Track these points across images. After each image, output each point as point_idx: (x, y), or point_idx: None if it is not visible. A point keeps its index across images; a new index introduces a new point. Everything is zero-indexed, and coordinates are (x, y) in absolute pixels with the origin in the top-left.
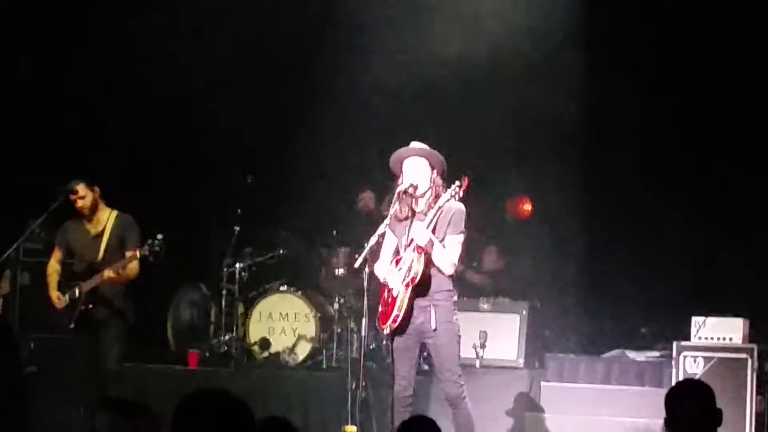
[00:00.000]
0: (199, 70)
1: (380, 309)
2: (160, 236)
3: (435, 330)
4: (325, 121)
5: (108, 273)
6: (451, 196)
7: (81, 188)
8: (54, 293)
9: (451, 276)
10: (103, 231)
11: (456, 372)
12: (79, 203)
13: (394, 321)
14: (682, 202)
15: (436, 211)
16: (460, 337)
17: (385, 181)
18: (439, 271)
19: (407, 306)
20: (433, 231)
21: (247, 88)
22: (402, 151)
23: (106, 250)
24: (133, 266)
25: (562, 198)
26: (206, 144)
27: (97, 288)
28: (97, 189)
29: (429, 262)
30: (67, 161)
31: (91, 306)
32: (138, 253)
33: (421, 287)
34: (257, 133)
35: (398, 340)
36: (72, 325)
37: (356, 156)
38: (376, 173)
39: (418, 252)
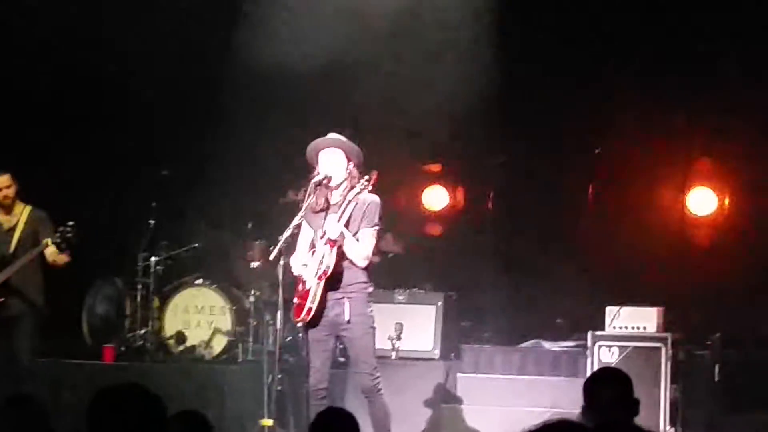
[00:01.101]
0: (109, 57)
1: (295, 302)
2: (70, 223)
3: (349, 322)
4: (241, 111)
5: (51, 251)
6: (360, 191)
7: (6, 179)
8: None
9: (365, 268)
10: (16, 224)
11: (371, 364)
12: (4, 192)
13: (308, 313)
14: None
15: (346, 205)
16: (374, 329)
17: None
18: (353, 263)
19: (320, 298)
20: (347, 223)
21: (159, 77)
22: (318, 142)
23: (18, 243)
24: (60, 257)
25: (479, 187)
26: (120, 136)
27: (10, 281)
28: (14, 183)
29: (342, 255)
30: None
31: (2, 299)
32: (49, 241)
33: (334, 280)
34: (172, 124)
35: (313, 333)
36: None
37: (273, 147)
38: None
39: (330, 245)
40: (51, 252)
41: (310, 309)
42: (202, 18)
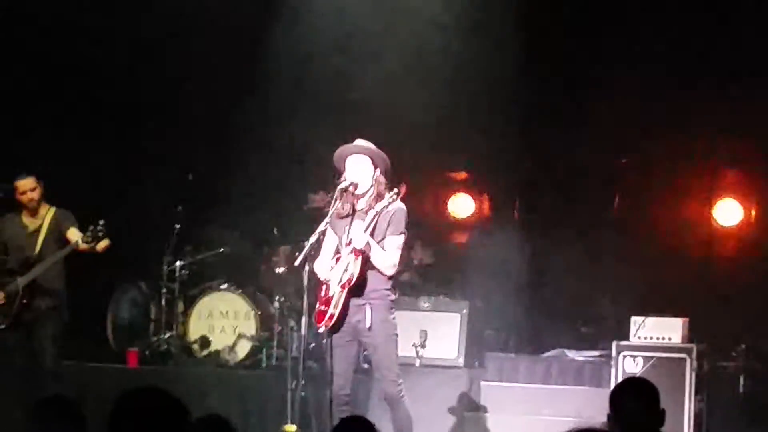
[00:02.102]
0: (138, 66)
1: (317, 307)
2: (102, 222)
3: (370, 329)
4: (269, 118)
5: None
6: (388, 204)
7: (31, 182)
8: None
9: (390, 276)
10: (41, 226)
11: (394, 371)
12: (29, 195)
13: (330, 319)
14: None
15: (375, 214)
16: (397, 335)
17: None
18: (379, 271)
19: (343, 305)
20: (373, 231)
21: (185, 86)
22: (345, 148)
23: (43, 245)
24: (100, 244)
25: (504, 197)
26: (146, 139)
27: (35, 283)
28: (41, 186)
29: (367, 264)
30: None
31: (25, 301)
32: (80, 241)
33: (357, 287)
34: (198, 128)
35: (336, 339)
36: (9, 322)
37: (299, 153)
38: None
39: (355, 254)
40: (86, 247)
41: (332, 315)
42: (229, 24)
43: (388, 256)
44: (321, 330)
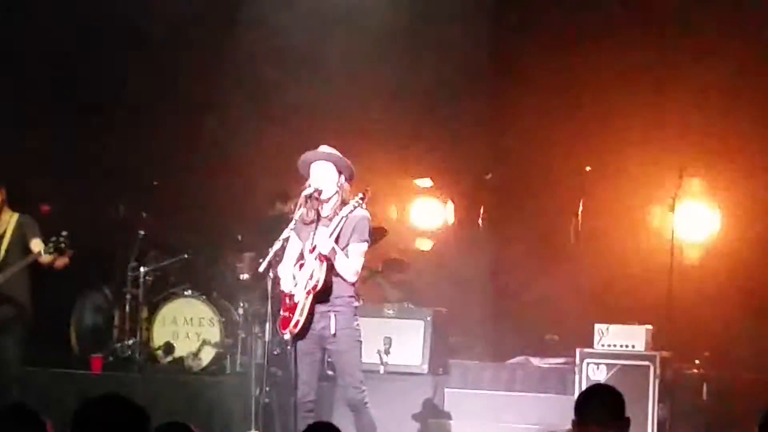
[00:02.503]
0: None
1: (281, 314)
2: (64, 233)
3: (335, 335)
4: (232, 122)
5: (47, 259)
6: (354, 208)
7: None
8: None
9: (353, 282)
10: (4, 233)
11: (357, 377)
12: None
13: (295, 326)
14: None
15: (340, 220)
16: (361, 342)
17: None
18: (343, 278)
19: (308, 312)
20: (337, 239)
21: (150, 92)
22: (309, 154)
23: (7, 251)
24: (59, 260)
25: (469, 204)
26: (111, 145)
27: None
28: (2, 191)
29: (332, 270)
30: None
31: None
32: (42, 251)
33: (322, 293)
34: (163, 134)
35: (300, 346)
36: None
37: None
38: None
39: (320, 260)
40: (47, 258)
41: (297, 322)
42: (198, 27)
43: (351, 263)
44: (286, 336)
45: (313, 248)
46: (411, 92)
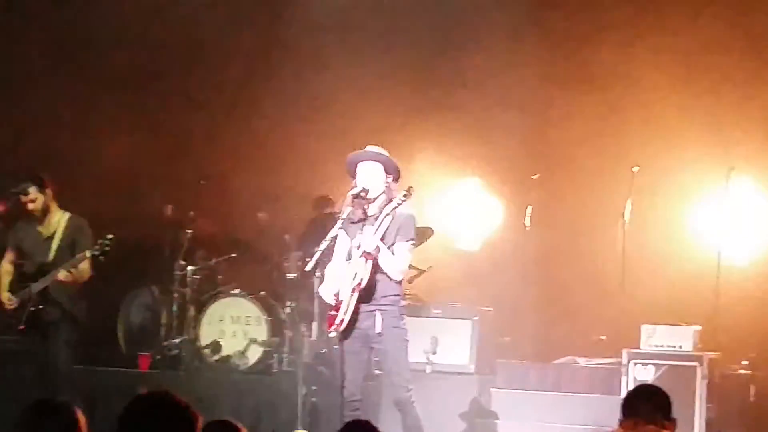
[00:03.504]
0: (151, 74)
1: (328, 312)
2: (110, 236)
3: (380, 335)
4: (282, 125)
5: (60, 274)
6: (398, 205)
7: (32, 191)
8: (4, 294)
9: (399, 281)
10: (54, 233)
11: (404, 377)
12: (30, 206)
13: (340, 324)
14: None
15: (383, 218)
16: (407, 342)
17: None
18: (388, 276)
19: (353, 310)
20: (383, 237)
21: (199, 91)
22: (356, 154)
23: (57, 252)
24: (85, 268)
25: (517, 203)
26: (158, 146)
27: (48, 289)
28: (49, 191)
29: (377, 268)
30: (20, 162)
31: (41, 306)
32: (87, 253)
33: (367, 292)
34: (210, 134)
35: (347, 344)
36: (21, 327)
37: (312, 159)
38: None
39: (365, 258)
40: (84, 269)
41: (342, 320)
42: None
43: (396, 261)
44: (332, 335)
45: (359, 246)
46: (459, 92)
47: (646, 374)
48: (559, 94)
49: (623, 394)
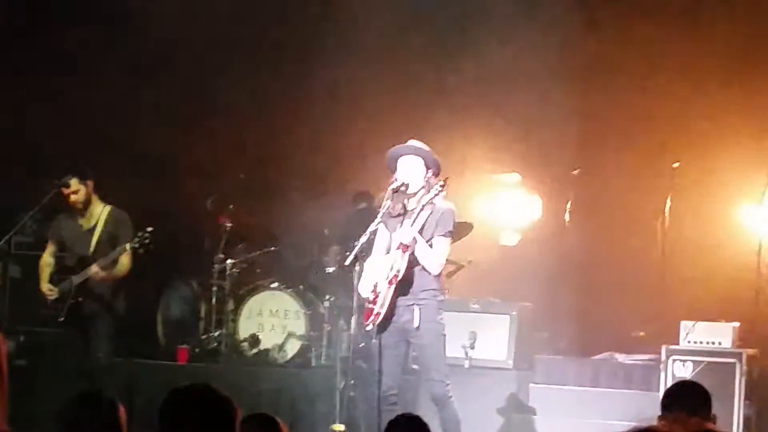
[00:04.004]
0: (191, 66)
1: (366, 306)
2: (149, 229)
3: (418, 329)
4: (320, 119)
5: (96, 269)
6: (434, 195)
7: (74, 183)
8: (45, 286)
9: (438, 275)
10: (95, 225)
11: (442, 371)
12: (72, 198)
13: (376, 317)
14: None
15: (420, 210)
16: (445, 336)
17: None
18: (425, 270)
19: (389, 303)
20: (422, 229)
21: (238, 83)
22: (397, 148)
23: (97, 245)
24: (124, 262)
25: (556, 198)
26: (199, 140)
27: (88, 281)
28: (90, 183)
29: (414, 261)
30: (60, 155)
31: (80, 299)
32: (127, 246)
33: (405, 285)
34: (249, 128)
35: (384, 339)
36: (62, 319)
37: (348, 154)
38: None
39: (402, 250)
40: (123, 263)
41: (378, 313)
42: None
43: (435, 255)
44: (369, 328)
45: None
46: (498, 86)
47: (685, 371)
48: (600, 89)
49: (662, 390)
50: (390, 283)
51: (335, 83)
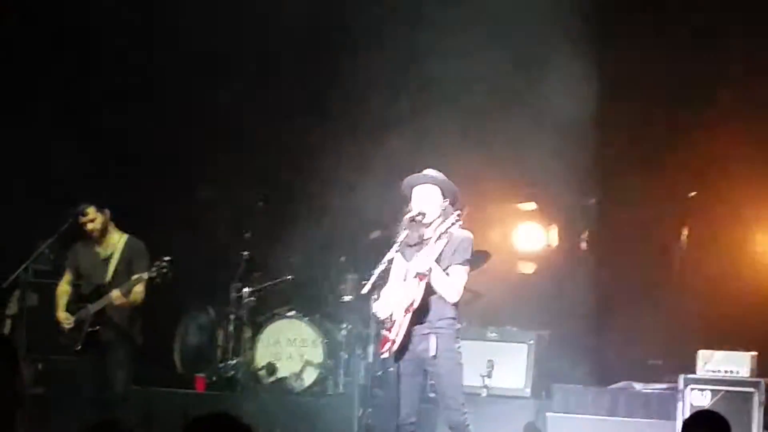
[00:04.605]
0: (211, 91)
1: (382, 333)
2: (167, 258)
3: (435, 357)
4: (339, 147)
5: (115, 294)
6: (451, 225)
7: (91, 211)
8: (62, 314)
9: (455, 304)
10: (112, 254)
11: (459, 400)
12: (89, 226)
13: (392, 345)
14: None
15: (437, 239)
16: (461, 365)
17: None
18: (443, 299)
19: (405, 332)
20: (439, 258)
21: (260, 112)
22: (413, 177)
23: (114, 273)
24: (139, 291)
25: (572, 228)
26: (217, 167)
27: (105, 310)
28: (107, 212)
29: (431, 290)
30: (77, 182)
31: (97, 327)
32: (145, 275)
33: (421, 314)
34: (267, 157)
35: (402, 367)
36: (78, 347)
37: (367, 183)
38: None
39: (418, 278)
40: (138, 291)
41: (393, 341)
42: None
43: (452, 283)
44: (384, 356)
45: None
46: (516, 116)
47: (703, 400)
48: (615, 118)
49: (680, 419)
50: (406, 311)
51: (355, 109)
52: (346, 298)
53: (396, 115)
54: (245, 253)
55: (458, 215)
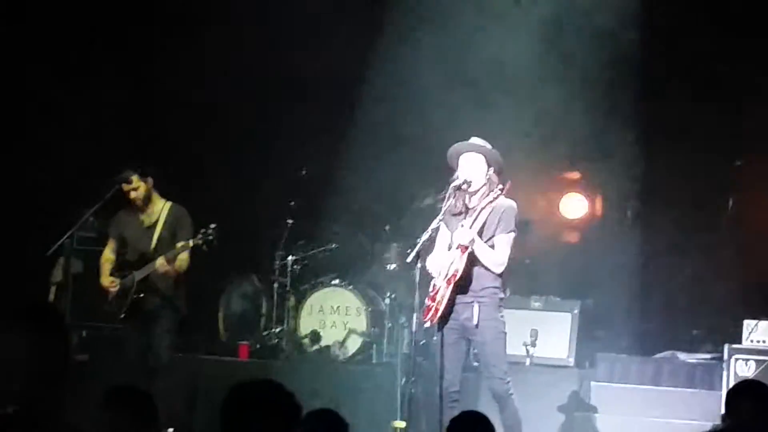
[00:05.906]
0: (251, 64)
1: (426, 303)
2: (213, 225)
3: (477, 326)
4: (381, 117)
5: (160, 262)
6: (494, 199)
7: (134, 179)
8: (106, 279)
9: (500, 274)
10: (156, 222)
11: (502, 369)
12: (132, 194)
13: (434, 314)
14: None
15: (480, 210)
16: (505, 334)
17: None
18: (488, 269)
19: (447, 302)
20: (483, 228)
21: (301, 84)
22: (459, 146)
23: (158, 241)
24: (184, 259)
25: (618, 197)
26: (260, 136)
27: (149, 278)
28: (150, 180)
29: (474, 261)
30: (123, 151)
31: (142, 295)
32: (191, 242)
33: (465, 283)
34: (311, 126)
35: (445, 336)
36: (123, 315)
37: (409, 151)
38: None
39: (461, 250)
40: (183, 259)
41: (436, 310)
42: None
43: (496, 254)
44: (426, 325)
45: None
46: (561, 85)
47: (748, 370)
48: (660, 91)
49: (724, 389)
50: (449, 282)
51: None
52: (390, 267)
53: (439, 84)
54: (290, 221)
55: (501, 189)
